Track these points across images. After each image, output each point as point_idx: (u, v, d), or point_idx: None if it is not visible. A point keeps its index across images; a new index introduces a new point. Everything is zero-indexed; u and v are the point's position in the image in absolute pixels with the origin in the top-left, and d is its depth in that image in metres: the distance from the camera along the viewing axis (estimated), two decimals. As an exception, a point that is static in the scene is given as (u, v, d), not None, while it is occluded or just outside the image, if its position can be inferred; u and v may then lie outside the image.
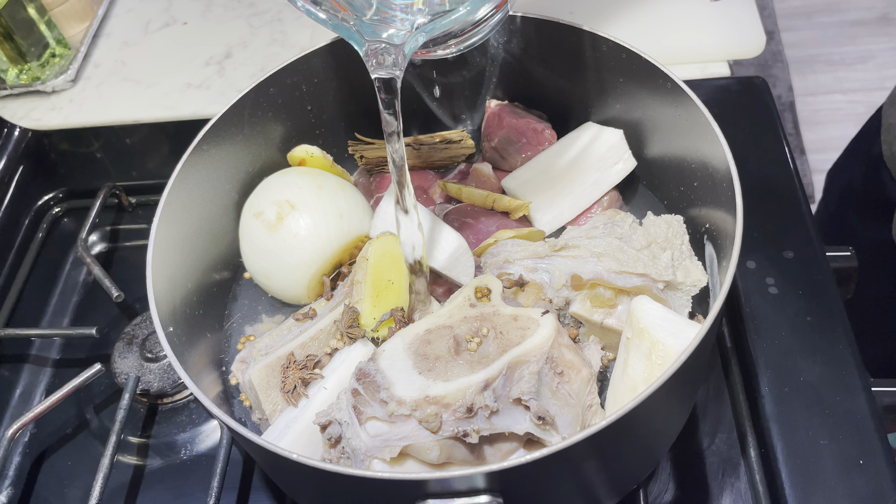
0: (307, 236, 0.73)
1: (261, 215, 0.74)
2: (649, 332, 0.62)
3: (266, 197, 0.76)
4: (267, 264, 0.75)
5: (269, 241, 0.73)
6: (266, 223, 0.74)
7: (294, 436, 0.64)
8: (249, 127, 0.79)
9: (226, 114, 0.75)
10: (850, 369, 0.73)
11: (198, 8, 1.24)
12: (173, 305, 0.68)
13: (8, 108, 1.13)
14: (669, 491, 0.72)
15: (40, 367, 0.89)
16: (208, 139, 0.74)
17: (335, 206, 0.75)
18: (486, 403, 0.57)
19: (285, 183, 0.76)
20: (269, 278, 0.75)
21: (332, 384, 0.66)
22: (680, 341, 0.61)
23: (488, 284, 0.68)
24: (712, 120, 0.67)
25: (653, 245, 0.71)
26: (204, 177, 0.75)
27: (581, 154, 0.79)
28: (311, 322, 0.71)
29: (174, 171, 0.71)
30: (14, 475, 0.81)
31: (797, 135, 2.25)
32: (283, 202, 0.74)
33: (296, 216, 0.73)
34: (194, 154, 0.73)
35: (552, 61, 0.82)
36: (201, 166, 0.74)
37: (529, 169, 0.81)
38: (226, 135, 0.76)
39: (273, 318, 0.79)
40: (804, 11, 2.57)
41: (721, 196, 0.66)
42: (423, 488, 0.52)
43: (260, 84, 0.78)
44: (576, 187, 0.78)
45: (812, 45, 2.47)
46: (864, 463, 0.68)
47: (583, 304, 0.69)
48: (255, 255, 0.75)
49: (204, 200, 0.75)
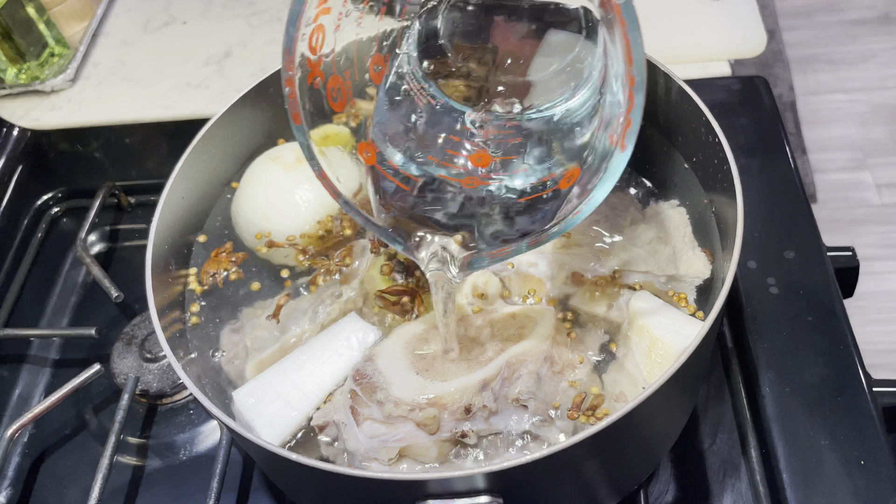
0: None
1: (278, 158, 0.75)
2: (649, 329, 0.62)
3: (287, 147, 0.77)
4: (273, 201, 0.74)
5: (282, 178, 0.73)
6: (283, 164, 0.74)
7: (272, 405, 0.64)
8: (249, 127, 0.79)
9: (225, 114, 0.75)
10: (852, 369, 0.73)
11: (197, 7, 1.23)
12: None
13: (7, 107, 1.12)
14: (670, 491, 0.72)
15: (39, 368, 0.89)
16: (208, 139, 0.74)
17: (354, 167, 0.75)
18: (485, 404, 0.57)
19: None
20: (269, 218, 0.74)
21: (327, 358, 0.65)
22: (680, 339, 0.61)
23: (486, 283, 0.68)
24: (713, 119, 0.66)
25: (654, 240, 0.70)
26: (204, 177, 0.75)
27: None
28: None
29: (174, 171, 0.71)
30: (13, 475, 0.81)
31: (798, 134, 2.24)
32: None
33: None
34: (194, 154, 0.73)
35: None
36: (201, 166, 0.74)
37: None
38: (226, 135, 0.76)
39: (265, 302, 0.78)
40: (805, 10, 2.56)
41: (722, 195, 0.66)
42: (423, 488, 0.52)
43: (260, 84, 0.77)
44: None
45: (813, 45, 2.47)
46: (865, 463, 0.68)
47: (583, 298, 0.69)
48: (259, 194, 0.75)
49: (204, 200, 0.75)
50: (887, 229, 2.03)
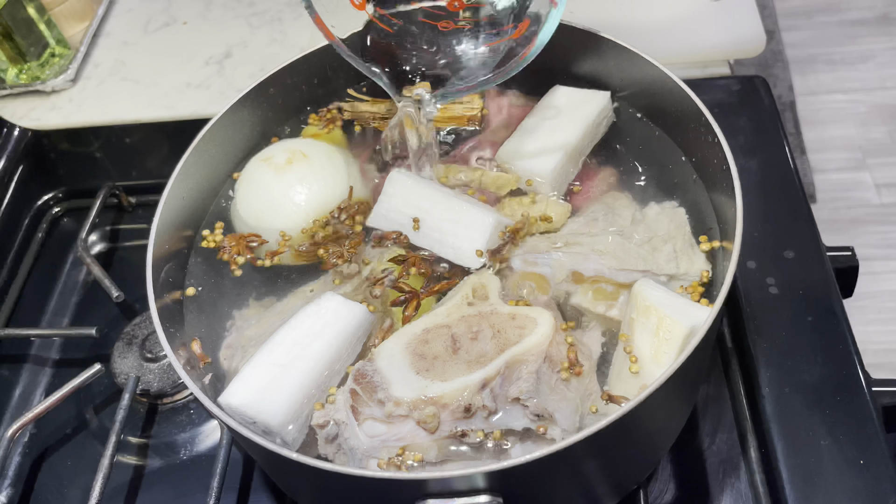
0: (313, 181, 0.74)
1: (269, 160, 0.76)
2: (656, 308, 0.62)
3: (278, 147, 0.78)
4: (264, 204, 0.74)
5: (272, 180, 0.74)
6: (274, 166, 0.75)
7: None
8: (249, 127, 0.79)
9: (226, 114, 0.75)
10: (851, 369, 0.73)
11: (197, 7, 1.23)
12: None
13: (7, 107, 1.13)
14: (670, 491, 0.72)
15: (40, 367, 0.89)
16: (208, 139, 0.74)
17: (342, 166, 0.76)
18: (485, 403, 0.57)
19: (299, 141, 0.79)
20: (261, 219, 0.75)
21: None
22: (687, 318, 0.61)
23: (486, 282, 0.68)
24: (712, 120, 0.67)
25: (654, 238, 0.70)
26: (204, 177, 0.75)
27: (571, 115, 0.78)
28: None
29: (174, 171, 0.71)
30: (14, 475, 0.81)
31: (798, 134, 2.24)
32: (297, 151, 0.76)
33: (306, 163, 0.75)
34: (194, 154, 0.73)
35: (552, 61, 0.81)
36: (201, 166, 0.74)
37: (519, 136, 0.79)
38: (226, 135, 0.76)
39: (261, 301, 0.78)
40: (805, 11, 2.56)
41: (721, 195, 0.66)
42: (423, 488, 0.52)
43: (260, 84, 0.77)
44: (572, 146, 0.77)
45: (813, 45, 2.47)
46: (864, 463, 0.68)
47: (584, 297, 0.69)
48: (252, 197, 0.75)
49: (204, 200, 0.75)
50: (886, 229, 2.03)
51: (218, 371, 0.71)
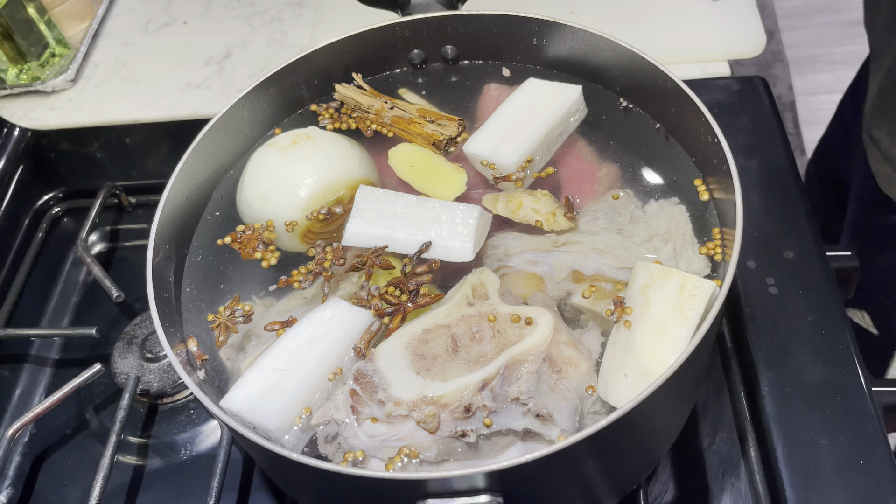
0: (316, 158, 0.75)
1: (275, 143, 0.77)
2: (677, 271, 0.62)
3: (284, 133, 0.79)
4: (269, 184, 0.75)
5: (277, 160, 0.75)
6: (279, 147, 0.76)
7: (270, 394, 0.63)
8: (250, 127, 0.79)
9: (226, 114, 0.75)
10: (851, 369, 0.73)
11: (197, 8, 1.24)
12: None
13: (8, 107, 1.13)
14: (669, 491, 0.72)
15: (40, 367, 0.89)
16: (208, 139, 0.74)
17: (347, 148, 0.77)
18: (485, 403, 0.57)
19: (306, 128, 0.80)
20: (266, 201, 0.75)
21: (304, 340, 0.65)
22: (706, 283, 0.61)
23: (486, 282, 0.68)
24: (712, 120, 0.67)
25: (654, 238, 0.70)
26: (204, 177, 0.75)
27: (541, 109, 0.78)
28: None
29: (174, 171, 0.71)
30: (14, 475, 0.81)
31: (797, 134, 2.24)
32: (301, 134, 0.77)
33: (310, 143, 0.76)
34: (194, 154, 0.73)
35: (552, 61, 0.82)
36: (201, 166, 0.74)
37: (489, 129, 0.78)
38: (226, 135, 0.76)
39: (263, 300, 0.78)
40: (804, 11, 2.57)
41: (721, 195, 0.66)
42: (423, 488, 0.52)
43: (260, 84, 0.77)
44: (543, 141, 0.77)
45: (812, 45, 2.47)
46: (864, 463, 0.68)
47: (583, 296, 0.69)
48: (258, 178, 0.75)
49: (204, 200, 0.75)
50: (887, 229, 2.03)
51: (218, 370, 0.71)
